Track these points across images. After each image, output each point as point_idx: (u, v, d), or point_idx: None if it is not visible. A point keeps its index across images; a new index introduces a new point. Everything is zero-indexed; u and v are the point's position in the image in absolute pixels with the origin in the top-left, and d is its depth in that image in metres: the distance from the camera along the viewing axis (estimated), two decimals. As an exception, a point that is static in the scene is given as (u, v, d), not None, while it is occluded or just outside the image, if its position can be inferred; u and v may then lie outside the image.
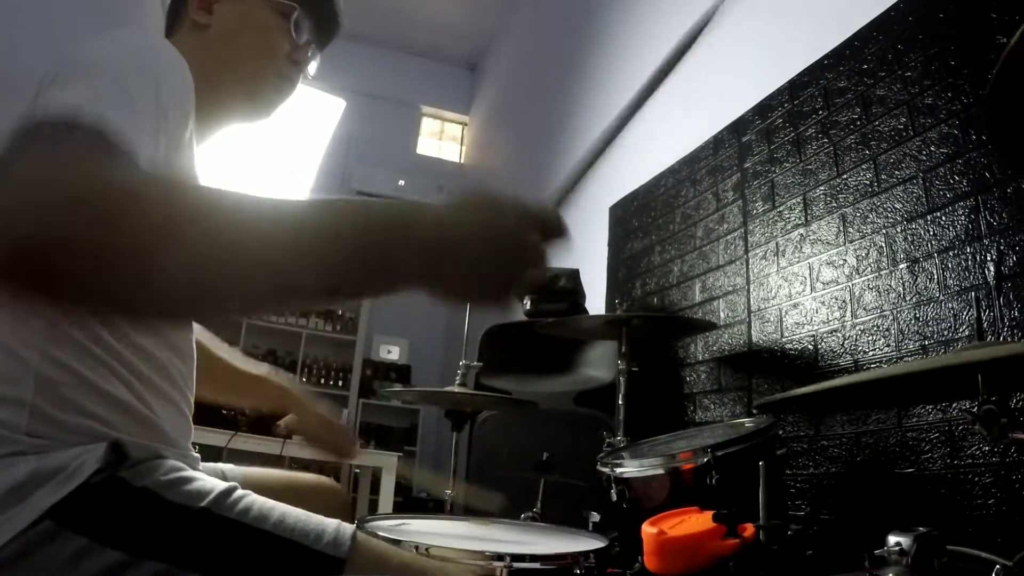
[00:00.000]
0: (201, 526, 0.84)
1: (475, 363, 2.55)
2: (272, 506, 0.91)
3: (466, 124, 8.16)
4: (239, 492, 0.90)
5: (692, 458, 1.52)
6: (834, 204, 2.14)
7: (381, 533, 1.17)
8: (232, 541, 0.85)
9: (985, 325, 1.61)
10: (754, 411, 2.31)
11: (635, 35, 3.93)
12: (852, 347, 1.98)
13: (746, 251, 2.52)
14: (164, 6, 1.17)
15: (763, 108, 2.58)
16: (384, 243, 0.63)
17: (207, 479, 0.92)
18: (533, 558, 1.25)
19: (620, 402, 2.23)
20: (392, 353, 7.02)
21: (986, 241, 1.64)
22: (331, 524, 0.92)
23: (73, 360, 0.88)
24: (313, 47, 1.22)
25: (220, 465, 1.30)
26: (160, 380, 1.00)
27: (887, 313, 1.88)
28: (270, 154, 2.19)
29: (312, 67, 1.25)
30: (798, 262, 2.25)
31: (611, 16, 4.28)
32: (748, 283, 2.48)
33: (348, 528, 0.92)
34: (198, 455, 1.11)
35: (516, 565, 1.19)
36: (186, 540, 0.83)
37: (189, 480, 0.90)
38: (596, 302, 3.48)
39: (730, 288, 2.58)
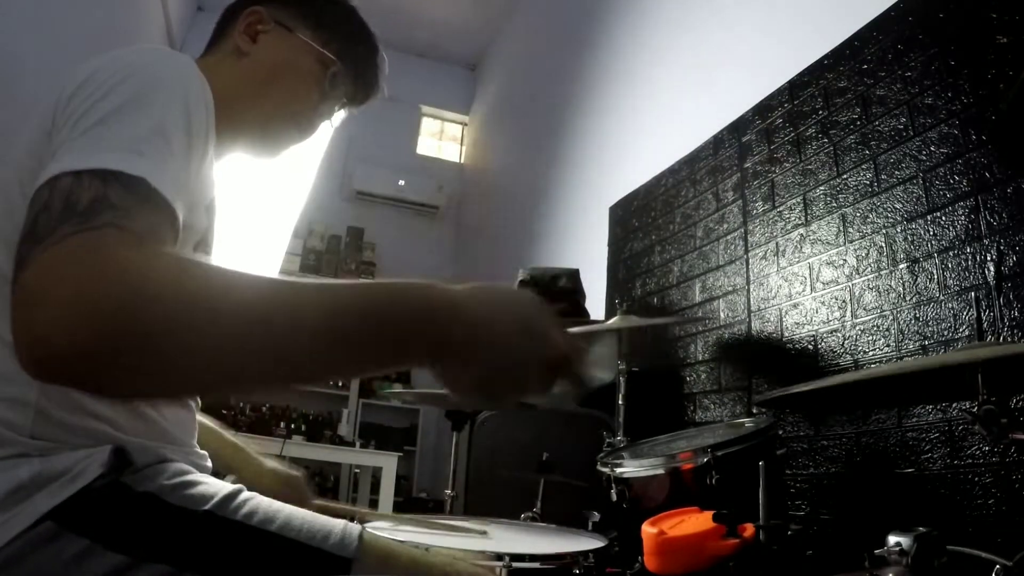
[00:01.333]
0: (205, 529, 0.84)
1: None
2: (278, 508, 0.90)
3: (466, 124, 8.16)
4: (244, 495, 0.90)
5: (692, 458, 1.52)
6: (834, 204, 2.14)
7: (382, 534, 1.18)
8: (237, 543, 0.84)
9: (985, 325, 1.61)
10: (754, 409, 2.31)
11: (634, 35, 3.93)
12: (852, 347, 1.98)
13: (746, 251, 2.52)
14: (164, 5, 1.17)
15: (763, 108, 2.58)
16: (400, 330, 0.64)
17: (212, 482, 0.92)
18: (533, 558, 1.25)
19: (620, 402, 2.23)
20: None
21: (986, 241, 1.64)
22: (337, 524, 0.92)
23: None
24: (344, 104, 1.21)
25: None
26: None
27: (887, 313, 1.88)
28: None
29: (336, 120, 1.23)
30: (798, 262, 2.25)
31: (610, 16, 4.28)
32: (748, 283, 2.48)
33: (355, 528, 0.92)
34: (204, 452, 1.11)
35: (516, 565, 1.19)
36: (189, 543, 0.83)
37: (193, 484, 0.89)
38: (596, 302, 3.48)
39: (730, 288, 2.58)
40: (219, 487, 0.90)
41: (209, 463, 1.13)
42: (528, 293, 0.71)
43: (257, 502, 0.90)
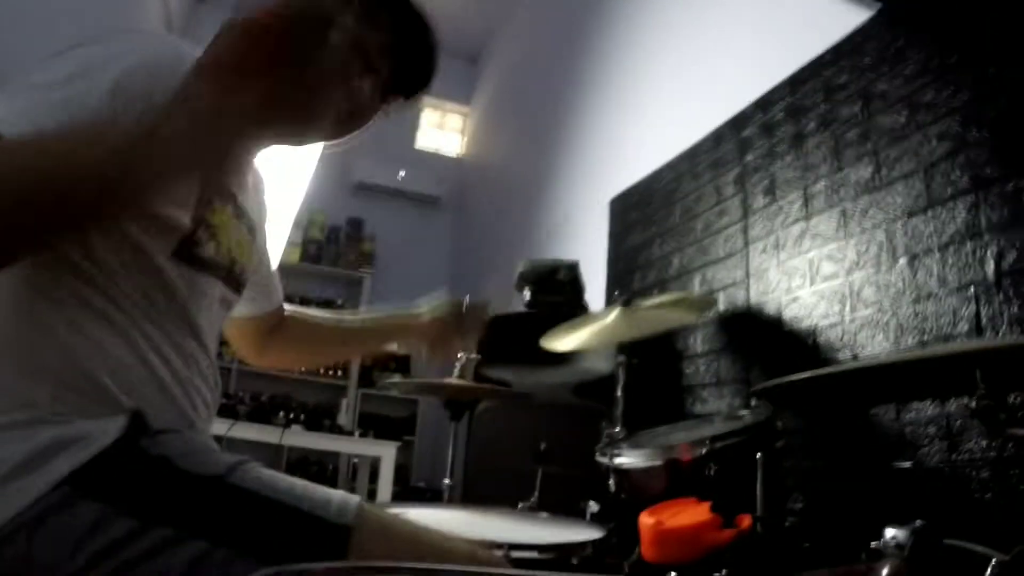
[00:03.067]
0: (211, 493, 0.85)
1: (474, 354, 2.56)
2: (282, 477, 0.92)
3: (467, 116, 8.14)
4: (250, 464, 0.91)
5: (690, 449, 1.52)
6: (834, 199, 2.14)
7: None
8: (239, 508, 0.86)
9: (984, 321, 1.61)
10: (752, 401, 2.32)
11: (635, 28, 3.92)
12: (851, 341, 1.98)
13: (746, 245, 2.53)
14: (165, 5, 1.16)
15: (764, 102, 2.58)
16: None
17: (222, 452, 0.93)
18: (531, 547, 1.26)
19: (619, 393, 2.24)
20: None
21: (986, 237, 1.65)
22: (337, 494, 0.93)
23: (100, 331, 0.89)
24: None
25: None
26: (183, 365, 1.01)
27: (886, 308, 1.89)
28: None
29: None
30: (798, 256, 2.25)
31: (611, 9, 4.27)
32: (748, 276, 2.48)
33: (354, 498, 0.93)
34: (212, 436, 1.12)
35: (514, 554, 1.20)
36: (196, 507, 0.84)
37: (206, 451, 0.91)
38: (596, 295, 3.48)
39: (730, 281, 2.58)
40: (227, 456, 0.92)
41: (214, 444, 1.14)
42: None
43: (263, 470, 0.91)
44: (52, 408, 0.85)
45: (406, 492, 5.87)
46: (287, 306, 1.47)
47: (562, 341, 2.10)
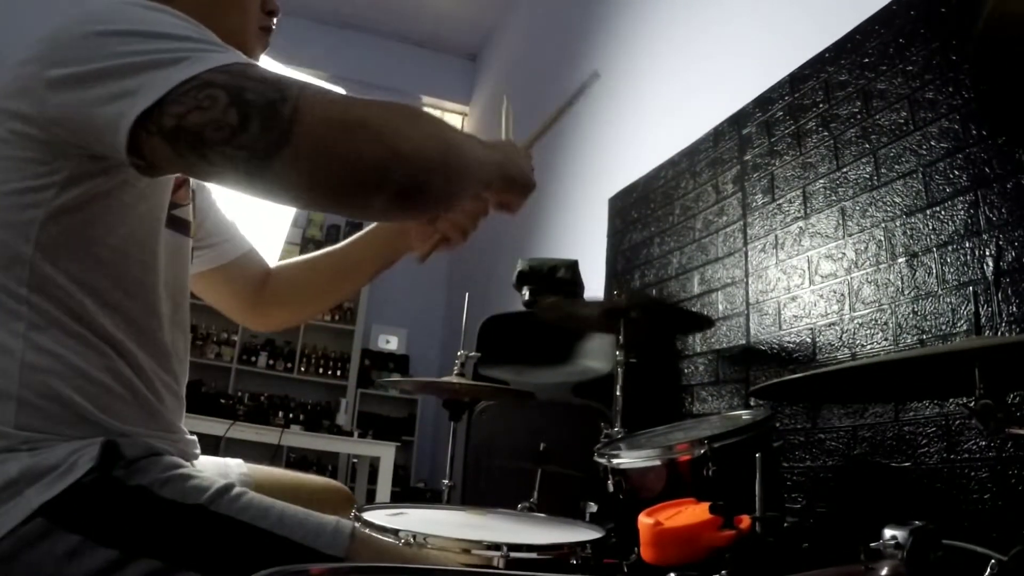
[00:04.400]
0: (197, 523, 0.83)
1: (473, 353, 2.55)
2: (271, 504, 0.89)
3: (466, 115, 8.14)
4: (237, 489, 0.89)
5: (689, 449, 1.52)
6: (834, 197, 2.14)
7: (379, 523, 1.18)
8: (229, 539, 0.83)
9: (983, 320, 1.61)
10: (751, 401, 2.32)
11: (634, 27, 3.92)
12: (850, 340, 1.98)
13: (745, 243, 2.53)
14: None
15: (764, 101, 2.58)
16: (490, 154, 1.04)
17: (204, 476, 0.91)
18: (530, 548, 1.25)
19: (618, 393, 2.23)
20: (390, 343, 7.02)
21: (985, 236, 1.65)
22: (330, 521, 0.91)
23: (59, 346, 0.86)
24: None
25: (227, 460, 1.29)
26: (153, 361, 0.98)
27: (885, 307, 1.89)
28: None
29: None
30: (797, 255, 2.25)
31: (611, 7, 4.27)
32: (747, 275, 2.48)
33: (347, 525, 0.91)
34: (193, 437, 1.09)
35: (513, 555, 1.19)
36: (181, 537, 0.82)
37: (186, 477, 0.88)
38: (595, 293, 3.48)
39: (729, 280, 2.58)
40: (212, 481, 0.89)
41: (198, 449, 1.12)
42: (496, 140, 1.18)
43: (250, 497, 0.89)
44: (17, 433, 0.82)
45: (405, 492, 5.87)
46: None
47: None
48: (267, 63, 1.23)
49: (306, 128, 0.74)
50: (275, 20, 1.19)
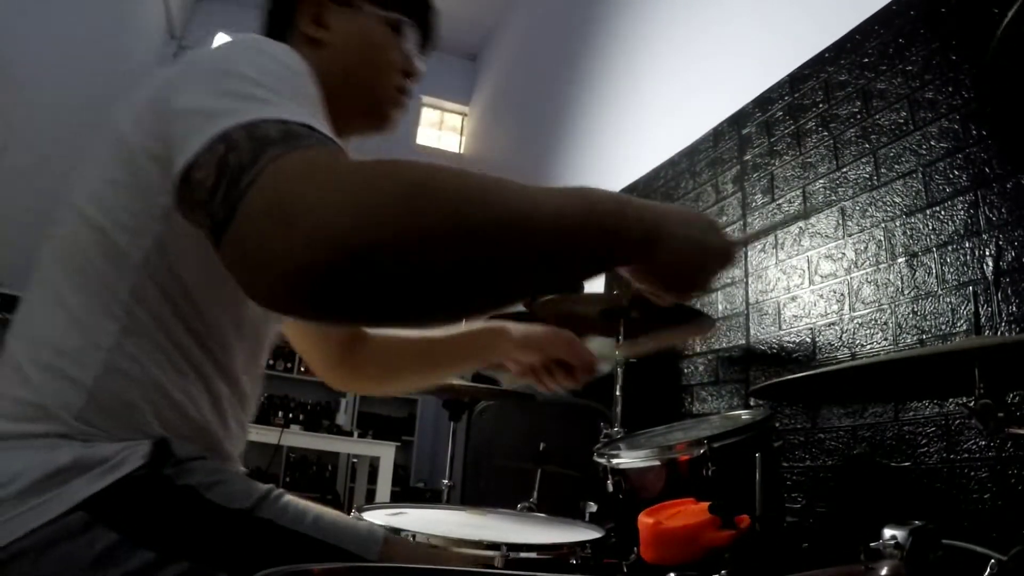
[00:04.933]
0: (237, 527, 0.83)
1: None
2: (306, 506, 0.90)
3: (466, 115, 8.14)
4: (276, 493, 0.89)
5: (688, 449, 1.52)
6: (833, 197, 2.14)
7: (379, 523, 1.18)
8: (267, 542, 0.83)
9: (983, 320, 1.61)
10: (751, 401, 2.32)
11: (634, 27, 3.92)
12: (850, 340, 1.98)
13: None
14: (166, 4, 1.15)
15: (763, 101, 2.58)
16: (611, 221, 0.70)
17: (250, 480, 0.90)
18: (530, 547, 1.25)
19: (617, 393, 2.23)
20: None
21: (984, 236, 1.64)
22: (362, 525, 0.91)
23: (145, 356, 0.86)
24: (420, 55, 1.20)
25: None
26: (231, 393, 0.99)
27: (885, 307, 1.89)
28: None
29: (421, 72, 1.22)
30: (797, 255, 2.25)
31: (611, 8, 4.27)
32: (746, 275, 2.48)
33: (379, 530, 0.92)
34: (244, 469, 1.08)
35: (513, 555, 1.19)
36: (219, 541, 0.81)
37: (233, 480, 0.88)
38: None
39: (728, 280, 2.58)
40: (255, 485, 0.89)
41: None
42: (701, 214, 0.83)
43: (288, 500, 0.89)
44: (77, 425, 0.82)
45: (405, 492, 5.87)
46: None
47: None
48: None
49: (247, 207, 0.58)
50: (414, 82, 1.19)
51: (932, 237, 1.78)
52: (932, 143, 1.83)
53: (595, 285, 3.49)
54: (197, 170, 0.66)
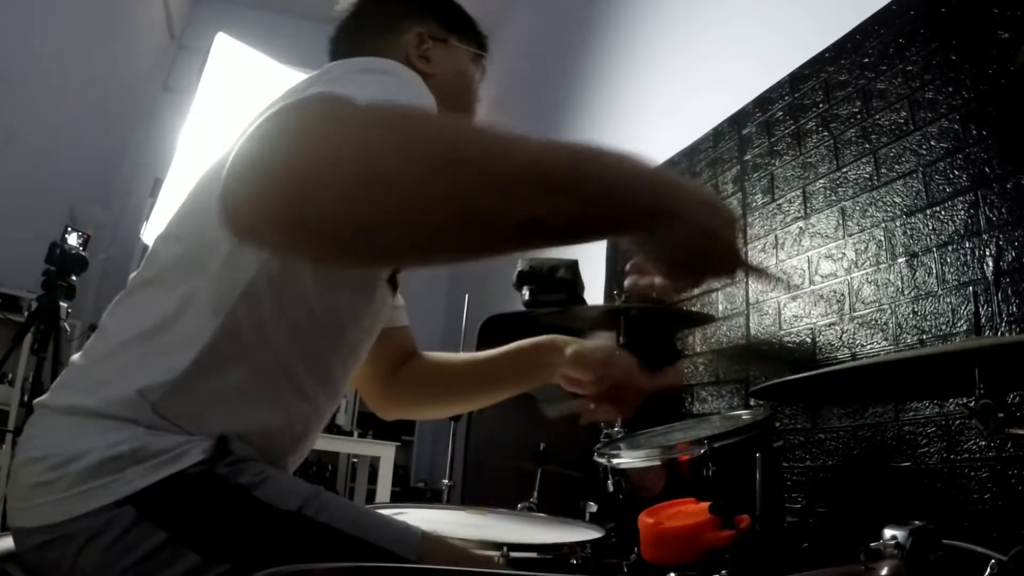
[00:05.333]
0: (284, 528, 0.83)
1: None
2: (346, 504, 0.90)
3: (466, 114, 8.14)
4: (323, 493, 0.89)
5: (689, 449, 1.52)
6: (833, 197, 2.14)
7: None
8: (309, 543, 0.83)
9: (983, 320, 1.61)
10: (751, 401, 2.32)
11: (634, 27, 3.92)
12: (850, 340, 1.98)
13: (745, 243, 2.52)
14: (165, 4, 1.18)
15: (763, 101, 2.58)
16: (622, 173, 0.67)
17: (298, 480, 0.91)
18: (530, 547, 1.25)
19: (618, 393, 2.23)
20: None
21: (985, 236, 1.64)
22: (400, 524, 0.91)
23: (239, 355, 0.88)
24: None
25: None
26: (307, 412, 1.00)
27: (885, 307, 1.89)
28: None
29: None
30: (797, 255, 2.25)
31: (611, 8, 4.27)
32: (747, 275, 2.48)
33: (416, 528, 0.92)
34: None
35: (514, 555, 1.19)
36: (265, 541, 0.82)
37: (283, 479, 0.89)
38: (595, 293, 3.48)
39: (728, 280, 2.58)
40: (303, 486, 0.89)
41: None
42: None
43: (331, 500, 0.89)
44: (151, 413, 0.83)
45: (405, 492, 5.87)
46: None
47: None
48: (262, 61, 1.28)
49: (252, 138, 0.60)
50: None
51: (932, 237, 1.78)
52: (932, 143, 1.83)
53: (595, 286, 3.50)
54: None
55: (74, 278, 3.52)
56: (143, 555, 0.76)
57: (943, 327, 1.72)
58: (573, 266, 3.20)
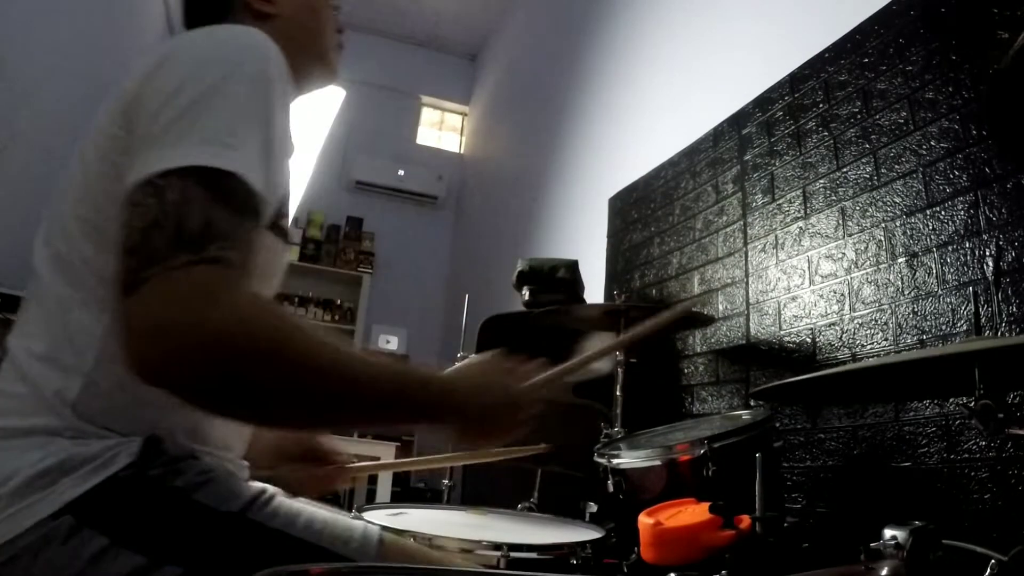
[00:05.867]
0: (227, 530, 0.82)
1: (472, 354, 2.55)
2: (299, 509, 0.89)
3: (466, 114, 8.14)
4: (268, 494, 0.88)
5: (689, 449, 1.52)
6: (834, 197, 2.14)
7: (379, 523, 1.18)
8: (258, 546, 0.82)
9: (983, 320, 1.61)
10: (751, 401, 2.32)
11: (634, 26, 3.92)
12: (850, 340, 1.98)
13: (745, 244, 2.53)
14: (165, 1, 1.16)
15: (763, 101, 2.58)
16: (414, 395, 0.86)
17: (241, 480, 0.90)
18: (530, 548, 1.25)
19: (618, 393, 2.24)
20: (390, 343, 7.01)
21: (985, 236, 1.65)
22: (357, 526, 0.91)
23: None
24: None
25: None
26: None
27: (885, 307, 1.89)
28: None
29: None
30: (797, 255, 2.25)
31: (611, 7, 4.27)
32: (747, 275, 2.48)
33: (374, 530, 0.91)
34: (244, 463, 1.07)
35: (514, 555, 1.20)
36: (210, 545, 0.80)
37: (220, 480, 0.87)
38: (595, 293, 3.48)
39: (729, 280, 2.58)
40: (245, 487, 0.88)
41: (247, 473, 1.09)
42: (497, 364, 0.96)
43: (280, 502, 0.88)
44: (72, 416, 0.82)
45: (405, 492, 5.87)
46: None
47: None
48: None
49: (146, 298, 0.70)
50: (344, 37, 1.28)
51: (932, 237, 1.79)
52: (932, 143, 1.83)
53: (595, 286, 3.50)
54: (136, 197, 0.75)
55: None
56: (88, 560, 0.76)
57: (943, 327, 1.72)
58: (573, 266, 3.20)
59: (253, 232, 0.78)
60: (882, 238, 1.94)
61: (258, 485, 0.90)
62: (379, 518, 1.29)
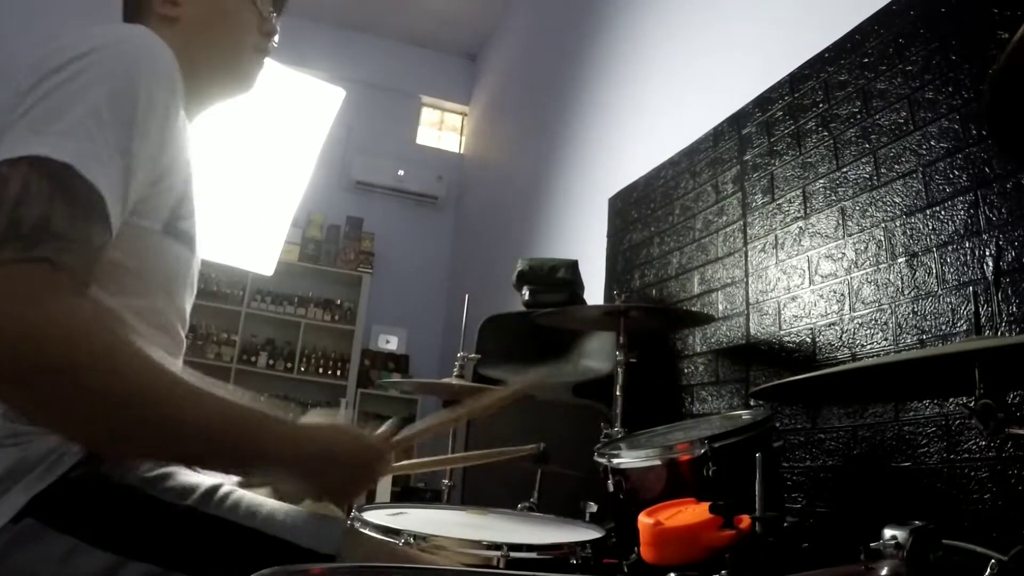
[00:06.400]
0: (188, 525, 0.82)
1: (472, 355, 2.56)
2: (260, 502, 0.89)
3: (466, 114, 8.14)
4: (226, 488, 0.89)
5: (689, 449, 1.52)
6: (833, 197, 2.14)
7: (379, 523, 1.18)
8: (221, 540, 0.83)
9: (983, 320, 1.61)
10: (751, 401, 2.32)
11: (634, 26, 3.92)
12: (850, 340, 1.98)
13: (745, 243, 2.53)
14: None
15: (763, 101, 2.58)
16: (247, 432, 0.85)
17: (189, 475, 0.90)
18: (530, 548, 1.25)
19: (618, 393, 2.23)
20: (391, 343, 7.02)
21: (985, 236, 1.64)
22: (320, 519, 0.91)
23: None
24: (276, 12, 1.21)
25: None
26: (168, 343, 0.99)
27: (885, 307, 1.89)
28: (270, 144, 2.19)
29: (277, 30, 1.22)
30: (797, 255, 2.25)
31: (610, 7, 4.27)
32: (747, 275, 2.48)
33: (337, 523, 0.91)
34: None
35: (513, 555, 1.19)
36: (174, 540, 0.81)
37: (172, 475, 0.87)
38: (595, 293, 3.48)
39: (728, 280, 2.58)
40: (198, 480, 0.88)
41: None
42: (353, 434, 0.96)
43: (239, 496, 0.88)
44: (5, 424, 0.81)
45: (405, 492, 5.86)
46: None
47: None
48: (266, 64, 1.24)
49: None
50: (273, 42, 1.20)
51: (932, 237, 1.78)
52: (932, 143, 1.83)
53: (595, 286, 3.50)
54: None
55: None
56: (59, 559, 0.76)
57: (943, 327, 1.72)
58: (573, 266, 3.20)
59: (97, 236, 0.76)
60: (882, 238, 1.94)
61: (215, 479, 0.90)
62: (379, 518, 1.30)
